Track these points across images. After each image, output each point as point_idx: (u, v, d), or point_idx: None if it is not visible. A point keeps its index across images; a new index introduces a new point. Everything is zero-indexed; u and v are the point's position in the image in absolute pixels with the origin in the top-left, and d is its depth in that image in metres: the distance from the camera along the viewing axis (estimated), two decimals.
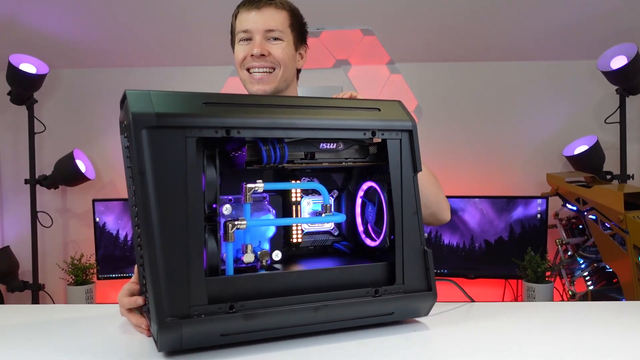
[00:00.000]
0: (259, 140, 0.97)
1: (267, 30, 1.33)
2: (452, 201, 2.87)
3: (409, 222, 1.03)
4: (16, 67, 2.73)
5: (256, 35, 1.33)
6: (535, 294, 2.64)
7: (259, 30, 1.33)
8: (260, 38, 1.33)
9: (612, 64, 2.63)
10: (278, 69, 1.35)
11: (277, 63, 1.34)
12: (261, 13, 1.33)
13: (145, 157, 0.86)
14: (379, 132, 1.02)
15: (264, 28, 1.33)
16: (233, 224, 0.94)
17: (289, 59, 1.37)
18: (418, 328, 1.03)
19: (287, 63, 1.36)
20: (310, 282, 0.97)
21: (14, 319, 1.17)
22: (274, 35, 1.34)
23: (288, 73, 1.38)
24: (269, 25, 1.33)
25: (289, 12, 1.37)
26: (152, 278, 0.85)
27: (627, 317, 1.13)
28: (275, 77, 1.35)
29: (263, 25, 1.33)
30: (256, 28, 1.33)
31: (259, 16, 1.33)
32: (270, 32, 1.34)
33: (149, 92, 0.90)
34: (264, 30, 1.33)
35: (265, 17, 1.33)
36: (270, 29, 1.33)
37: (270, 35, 1.34)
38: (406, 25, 2.86)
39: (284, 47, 1.35)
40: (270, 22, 1.33)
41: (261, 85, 1.35)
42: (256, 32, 1.33)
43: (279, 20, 1.34)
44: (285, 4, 1.37)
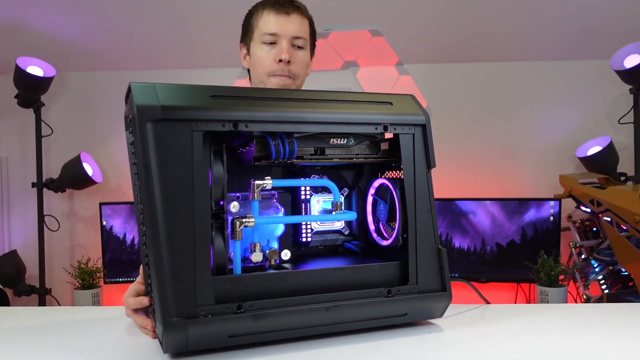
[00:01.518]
0: (268, 134, 0.94)
1: (295, 37, 1.32)
2: (462, 203, 2.83)
3: (422, 220, 1.00)
4: (23, 70, 2.73)
5: (283, 41, 1.31)
6: (548, 298, 2.59)
7: (287, 36, 1.31)
8: (287, 44, 1.31)
9: (626, 63, 2.60)
10: (295, 79, 1.34)
11: (295, 74, 1.34)
12: (290, 19, 1.32)
13: (150, 151, 0.83)
14: (391, 127, 0.99)
15: (292, 34, 1.32)
16: (241, 222, 0.91)
17: (305, 69, 1.37)
18: (432, 330, 1.00)
19: (302, 75, 1.36)
20: (321, 281, 0.94)
21: (20, 321, 1.15)
22: (299, 43, 1.33)
23: (302, 82, 1.38)
24: (297, 32, 1.32)
25: (309, 21, 1.38)
26: (158, 277, 0.83)
27: None
28: (292, 86, 1.35)
29: (291, 32, 1.32)
30: (284, 33, 1.31)
31: (287, 21, 1.31)
32: (297, 39, 1.33)
33: (154, 85, 0.88)
34: (292, 37, 1.32)
35: (294, 23, 1.32)
36: (297, 36, 1.32)
37: (296, 42, 1.33)
38: (415, 26, 2.83)
39: (305, 56, 1.35)
40: (298, 29, 1.32)
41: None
42: (283, 37, 1.31)
43: (304, 27, 1.34)
44: (307, 12, 1.37)
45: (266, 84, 1.34)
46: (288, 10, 1.31)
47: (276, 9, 1.32)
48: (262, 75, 1.34)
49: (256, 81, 1.37)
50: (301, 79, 1.36)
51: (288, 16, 1.31)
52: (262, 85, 1.35)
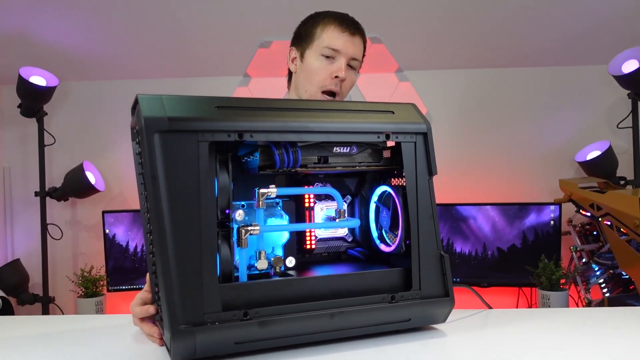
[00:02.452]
0: (272, 144, 0.95)
1: (353, 58, 1.35)
2: (463, 209, 2.84)
3: (424, 226, 1.01)
4: (26, 79, 2.75)
5: (342, 58, 1.34)
6: (550, 301, 2.60)
7: (347, 55, 1.34)
8: (344, 62, 1.34)
9: (624, 68, 2.61)
10: (339, 97, 1.37)
11: (343, 93, 1.38)
12: (353, 40, 1.35)
13: (157, 162, 0.85)
14: (393, 135, 1.01)
15: (352, 55, 1.35)
16: (246, 230, 0.93)
17: (350, 89, 1.40)
18: (435, 335, 1.01)
19: (347, 93, 1.40)
20: (326, 288, 0.96)
21: (25, 329, 1.16)
22: (354, 64, 1.37)
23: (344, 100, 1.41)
24: (356, 54, 1.36)
25: (365, 44, 1.40)
26: (165, 285, 0.84)
27: None
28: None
29: (352, 52, 1.35)
30: (345, 52, 1.34)
31: (350, 41, 1.35)
32: (354, 60, 1.36)
33: (160, 97, 0.90)
34: (351, 57, 1.35)
35: (355, 45, 1.35)
36: (355, 58, 1.36)
37: (352, 63, 1.36)
38: (414, 33, 2.85)
39: (355, 78, 1.39)
40: (357, 51, 1.36)
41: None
42: (344, 55, 1.34)
43: (361, 50, 1.38)
44: (365, 34, 1.40)
45: (313, 95, 1.37)
46: (354, 31, 1.35)
47: (343, 27, 1.35)
48: (313, 86, 1.37)
49: (302, 88, 1.39)
50: (345, 98, 1.40)
51: (353, 37, 1.35)
52: (306, 94, 1.38)
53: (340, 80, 1.34)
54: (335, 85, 1.34)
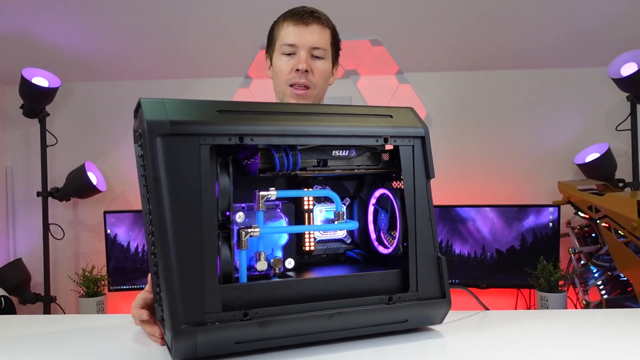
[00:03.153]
0: (272, 147, 0.97)
1: (313, 47, 1.34)
2: (463, 210, 2.86)
3: (422, 229, 1.03)
4: (29, 80, 2.76)
5: (301, 51, 1.34)
6: (548, 303, 2.61)
7: (305, 46, 1.34)
8: (305, 54, 1.34)
9: (623, 71, 2.62)
10: (313, 89, 1.36)
11: (314, 84, 1.36)
12: (309, 29, 1.34)
13: (159, 164, 0.86)
14: (391, 139, 1.03)
15: (310, 45, 1.34)
16: (246, 232, 0.94)
17: (325, 79, 1.38)
18: (432, 336, 1.03)
19: (322, 85, 1.38)
20: (324, 289, 0.97)
21: (27, 329, 1.17)
22: (318, 53, 1.35)
23: (322, 91, 1.40)
24: (315, 43, 1.34)
25: (331, 31, 1.39)
26: (167, 286, 0.86)
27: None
28: (309, 96, 1.36)
29: (310, 42, 1.34)
30: (302, 43, 1.33)
31: (306, 32, 1.33)
32: (315, 49, 1.35)
33: (163, 101, 0.91)
34: (310, 47, 1.34)
35: (313, 33, 1.34)
36: (316, 47, 1.34)
37: (314, 52, 1.35)
38: (414, 35, 2.87)
39: (325, 66, 1.37)
40: (316, 39, 1.34)
41: (299, 101, 1.36)
42: (302, 47, 1.34)
43: (323, 38, 1.36)
44: (329, 21, 1.39)
45: (285, 93, 1.37)
46: (307, 21, 1.33)
47: (295, 20, 1.34)
48: (281, 85, 1.37)
49: (277, 91, 1.40)
50: (319, 87, 1.38)
51: (307, 27, 1.33)
52: (282, 95, 1.38)
53: (303, 72, 1.33)
54: (300, 78, 1.33)
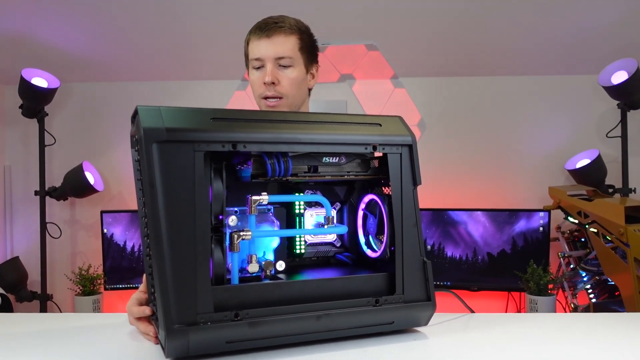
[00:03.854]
0: (264, 154, 1.01)
1: (278, 57, 1.35)
2: (455, 214, 2.90)
3: (408, 234, 1.06)
4: (28, 81, 2.79)
5: (267, 63, 1.35)
6: (537, 306, 2.65)
7: (270, 58, 1.35)
8: (271, 66, 1.35)
9: (613, 79, 2.66)
10: (285, 98, 1.38)
11: (285, 94, 1.37)
12: (271, 41, 1.35)
13: (155, 170, 0.90)
14: (380, 147, 1.06)
15: (275, 56, 1.35)
16: (238, 235, 0.98)
17: (297, 86, 1.39)
18: (418, 337, 1.06)
19: (294, 92, 1.39)
20: (313, 291, 1.01)
21: (23, 327, 1.19)
22: (285, 62, 1.36)
23: (297, 98, 1.41)
24: (278, 53, 1.35)
25: (298, 36, 1.39)
26: (161, 287, 0.89)
27: (628, 328, 1.15)
28: (283, 105, 1.38)
29: (274, 53, 1.35)
30: (267, 56, 1.35)
31: (269, 44, 1.35)
32: (281, 59, 1.36)
33: (159, 108, 0.95)
34: (275, 58, 1.35)
35: (275, 44, 1.35)
36: (281, 56, 1.35)
37: (281, 62, 1.36)
38: (410, 40, 2.91)
39: (294, 74, 1.38)
40: (279, 50, 1.35)
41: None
42: (267, 60, 1.35)
43: (288, 46, 1.36)
44: (294, 27, 1.39)
45: (260, 105, 1.40)
46: (269, 33, 1.35)
47: (258, 34, 1.36)
48: (256, 98, 1.41)
49: (258, 104, 1.43)
50: (292, 95, 1.39)
51: (269, 39, 1.35)
52: (262, 107, 1.41)
53: (270, 84, 1.35)
54: (269, 91, 1.35)
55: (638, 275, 2.15)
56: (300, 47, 1.39)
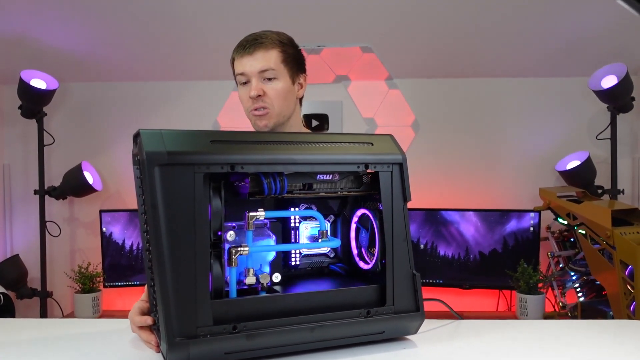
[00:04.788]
0: (261, 173, 1.05)
1: (261, 71, 1.40)
2: (447, 214, 2.95)
3: (399, 248, 1.12)
4: (27, 82, 2.82)
5: (252, 78, 1.41)
6: (527, 304, 2.71)
7: (254, 73, 1.40)
8: (255, 80, 1.41)
9: (603, 84, 2.70)
10: (272, 108, 1.42)
11: (271, 103, 1.42)
12: (253, 57, 1.40)
13: (157, 192, 0.95)
14: (372, 165, 1.11)
15: (257, 70, 1.40)
16: (236, 250, 1.03)
17: (283, 96, 1.43)
18: (407, 346, 1.11)
19: (281, 101, 1.43)
20: (307, 303, 1.06)
21: (24, 333, 1.23)
22: (268, 75, 1.41)
23: (285, 108, 1.45)
24: (261, 67, 1.40)
25: (280, 49, 1.43)
26: (163, 301, 0.94)
27: (612, 334, 1.21)
28: (271, 115, 1.43)
29: (257, 68, 1.40)
30: (251, 72, 1.40)
31: (251, 60, 1.40)
32: (264, 71, 1.41)
33: (160, 132, 0.99)
34: (258, 72, 1.40)
35: (257, 59, 1.40)
36: (263, 70, 1.40)
37: (264, 75, 1.41)
38: (404, 43, 2.94)
39: (278, 87, 1.42)
40: (261, 64, 1.40)
41: (261, 121, 1.43)
42: (252, 75, 1.41)
43: (270, 60, 1.41)
44: (275, 41, 1.43)
45: (250, 118, 1.46)
46: (250, 50, 1.40)
47: (240, 52, 1.42)
48: (246, 112, 1.46)
49: (248, 117, 1.48)
50: (279, 106, 1.43)
51: (251, 55, 1.40)
52: (252, 118, 1.46)
53: (255, 98, 1.40)
54: (255, 103, 1.41)
55: (623, 277, 2.21)
56: (282, 59, 1.43)
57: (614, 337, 1.19)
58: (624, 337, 1.19)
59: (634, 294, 2.15)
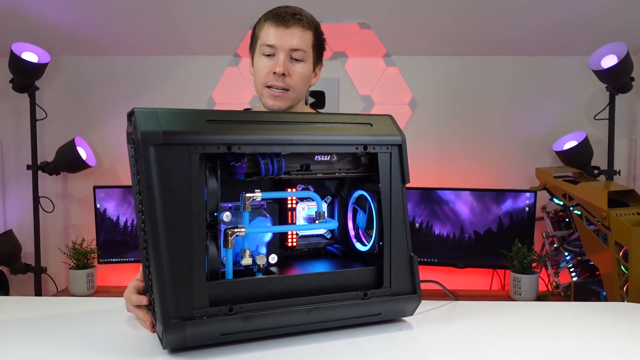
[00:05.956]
0: (258, 154, 1.04)
1: (292, 49, 1.34)
2: (443, 193, 2.95)
3: (396, 230, 1.11)
4: (18, 56, 2.76)
5: (280, 53, 1.34)
6: (521, 284, 2.73)
7: (284, 48, 1.34)
8: (284, 56, 1.34)
9: (603, 63, 2.67)
10: (292, 91, 1.37)
11: (293, 87, 1.37)
12: (289, 31, 1.33)
13: (152, 172, 0.93)
14: (370, 147, 1.10)
15: (290, 47, 1.34)
16: (233, 232, 1.02)
17: (304, 82, 1.39)
18: (403, 327, 1.12)
19: (301, 87, 1.39)
20: (304, 285, 1.06)
21: (20, 313, 1.22)
22: (298, 55, 1.35)
23: (301, 93, 1.41)
24: (294, 45, 1.34)
25: (313, 32, 1.38)
26: (159, 282, 0.93)
27: (606, 317, 1.22)
28: (288, 97, 1.38)
29: (289, 44, 1.33)
30: (281, 45, 1.33)
31: (286, 34, 1.33)
32: (295, 51, 1.34)
33: (155, 111, 0.97)
34: (289, 49, 1.34)
35: (292, 36, 1.33)
36: (295, 49, 1.34)
37: (294, 54, 1.35)
38: (402, 19, 2.90)
39: (304, 69, 1.37)
40: (295, 42, 1.34)
41: (277, 102, 1.37)
42: (281, 50, 1.34)
43: (304, 40, 1.35)
44: (311, 23, 1.37)
45: (262, 94, 1.39)
46: (288, 23, 1.33)
47: (276, 21, 1.33)
48: (258, 85, 1.39)
49: (256, 89, 1.42)
50: (299, 91, 1.39)
51: (287, 29, 1.33)
52: (260, 95, 1.41)
53: (280, 75, 1.34)
54: (277, 81, 1.34)
55: (618, 258, 2.22)
56: (313, 44, 1.39)
57: (610, 319, 1.20)
58: (620, 319, 1.20)
59: (628, 276, 2.17)
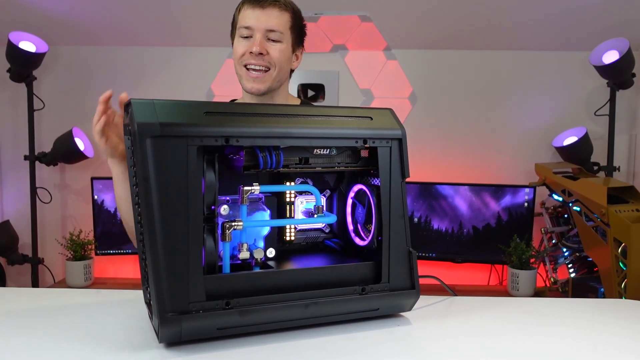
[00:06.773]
0: (256, 147, 1.02)
1: (268, 30, 1.37)
2: (442, 187, 2.94)
3: (396, 225, 1.10)
4: (16, 45, 2.74)
5: (257, 34, 1.37)
6: (519, 279, 2.73)
7: (260, 29, 1.37)
8: (260, 37, 1.37)
9: (604, 59, 2.66)
10: (273, 69, 1.40)
11: (273, 64, 1.39)
12: (265, 12, 1.36)
13: (149, 165, 0.91)
14: (370, 140, 1.08)
15: (266, 27, 1.37)
16: (230, 225, 1.01)
17: (285, 61, 1.41)
18: (401, 322, 1.11)
19: (282, 64, 1.41)
20: (302, 280, 1.04)
21: (17, 304, 1.21)
22: (274, 36, 1.38)
23: (282, 74, 1.43)
24: (270, 26, 1.37)
25: (291, 14, 1.41)
26: (155, 276, 0.92)
27: (603, 313, 1.21)
28: (269, 76, 1.40)
29: (265, 25, 1.36)
30: (258, 26, 1.36)
31: (262, 15, 1.36)
32: (271, 32, 1.38)
33: (153, 102, 0.95)
34: (265, 30, 1.37)
35: (268, 17, 1.36)
36: (272, 29, 1.37)
37: (270, 35, 1.38)
38: (403, 12, 2.88)
39: (282, 48, 1.40)
40: (272, 23, 1.37)
41: (256, 84, 1.40)
42: (257, 31, 1.37)
43: (281, 21, 1.38)
44: (289, 5, 1.41)
45: (241, 75, 1.41)
46: (264, 4, 1.36)
47: (252, 3, 1.37)
48: (237, 66, 1.42)
49: (236, 72, 1.44)
50: (279, 69, 1.40)
51: (263, 10, 1.36)
52: (239, 77, 1.42)
53: (257, 55, 1.36)
54: (256, 59, 1.37)
55: (616, 254, 2.21)
56: (291, 26, 1.41)
57: (607, 316, 1.20)
58: (619, 316, 1.20)
59: (626, 272, 2.16)
